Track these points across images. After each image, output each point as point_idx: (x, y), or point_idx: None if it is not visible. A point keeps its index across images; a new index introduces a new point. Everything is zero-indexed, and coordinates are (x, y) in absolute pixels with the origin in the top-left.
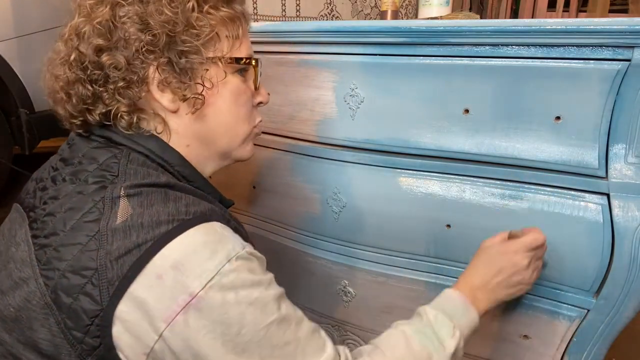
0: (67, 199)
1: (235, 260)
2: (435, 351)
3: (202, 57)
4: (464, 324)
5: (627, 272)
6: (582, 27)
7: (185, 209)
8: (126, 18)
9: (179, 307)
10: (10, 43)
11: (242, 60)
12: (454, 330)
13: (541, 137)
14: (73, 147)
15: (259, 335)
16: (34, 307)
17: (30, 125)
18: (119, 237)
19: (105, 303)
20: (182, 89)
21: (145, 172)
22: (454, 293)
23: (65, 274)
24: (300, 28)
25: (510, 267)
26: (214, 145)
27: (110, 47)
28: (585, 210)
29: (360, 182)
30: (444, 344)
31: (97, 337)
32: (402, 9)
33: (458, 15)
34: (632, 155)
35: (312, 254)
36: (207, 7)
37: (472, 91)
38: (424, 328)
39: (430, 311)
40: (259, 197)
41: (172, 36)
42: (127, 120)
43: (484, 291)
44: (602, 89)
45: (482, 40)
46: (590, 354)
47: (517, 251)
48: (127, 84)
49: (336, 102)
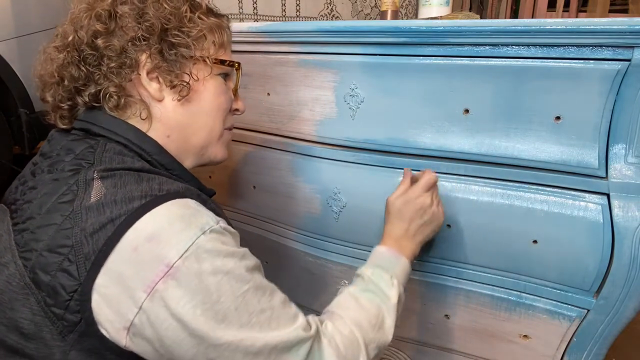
0: (43, 185)
1: (209, 233)
2: (382, 302)
3: (191, 51)
4: (399, 272)
5: (627, 272)
6: (582, 27)
7: (158, 186)
8: (126, 12)
9: (157, 277)
10: (10, 43)
11: (226, 62)
12: (392, 280)
13: (541, 137)
14: (52, 142)
15: (236, 302)
16: (14, 289)
17: (30, 125)
18: (93, 214)
19: (82, 278)
20: (170, 76)
21: (120, 159)
22: (382, 248)
23: (42, 253)
24: (300, 28)
25: (419, 209)
26: (192, 138)
27: (107, 33)
28: (585, 210)
29: (360, 182)
30: (387, 294)
31: (77, 312)
32: (402, 9)
33: (458, 15)
34: (632, 155)
35: (312, 254)
36: (198, 13)
37: (472, 91)
38: (367, 285)
39: (367, 269)
40: (259, 197)
41: (166, 28)
42: (115, 100)
43: (407, 237)
44: (602, 89)
45: (482, 40)
46: (590, 354)
47: (418, 195)
48: (119, 66)
49: (336, 102)
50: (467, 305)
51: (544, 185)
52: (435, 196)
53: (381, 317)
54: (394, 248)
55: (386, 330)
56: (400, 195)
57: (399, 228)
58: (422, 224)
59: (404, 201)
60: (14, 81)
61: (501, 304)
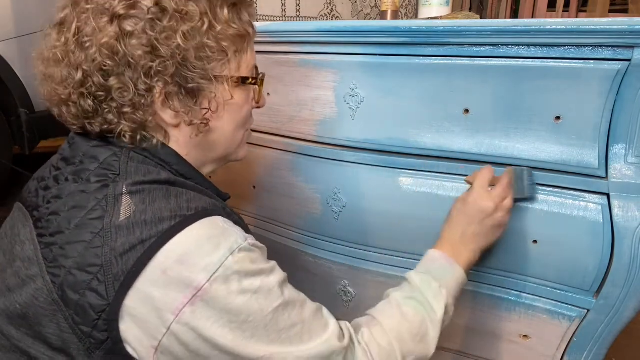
0: (71, 197)
1: (238, 252)
2: (427, 313)
3: (210, 81)
4: (450, 280)
5: (627, 272)
6: (582, 27)
7: (187, 204)
8: (134, 39)
9: (186, 299)
10: (10, 43)
11: (248, 80)
12: (441, 290)
13: (541, 137)
14: (73, 147)
15: (265, 321)
16: (41, 304)
17: (30, 125)
18: (123, 233)
19: (111, 298)
20: (187, 113)
21: (146, 169)
22: (436, 253)
23: (71, 271)
24: (300, 28)
25: (478, 214)
26: (212, 152)
27: (117, 70)
28: (585, 210)
29: (360, 182)
30: (433, 305)
31: (104, 331)
32: (402, 9)
33: (458, 15)
34: (632, 155)
35: (312, 254)
36: (219, 28)
37: (472, 91)
38: (413, 293)
39: (416, 275)
40: (259, 197)
41: (182, 64)
42: (131, 138)
43: (464, 243)
44: (602, 89)
45: (482, 40)
46: (590, 354)
47: (477, 198)
48: (134, 108)
49: (336, 102)
50: (467, 305)
51: (544, 185)
52: (498, 199)
53: (424, 328)
54: (448, 254)
55: (428, 343)
56: (459, 200)
57: (456, 232)
58: (482, 230)
59: (464, 203)
60: (14, 81)
61: (501, 304)
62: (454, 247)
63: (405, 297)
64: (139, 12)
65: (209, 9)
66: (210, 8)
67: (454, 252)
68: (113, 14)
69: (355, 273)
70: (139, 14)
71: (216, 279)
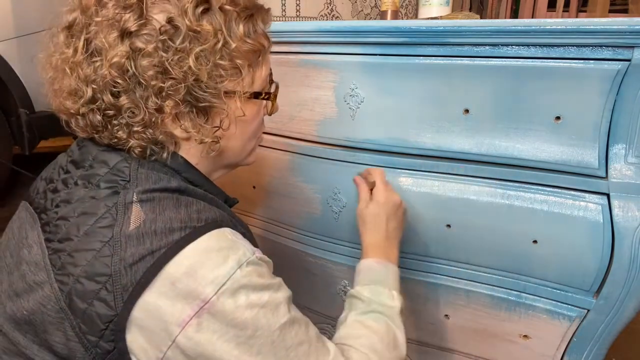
0: (80, 203)
1: (246, 266)
2: (389, 319)
3: (221, 99)
4: (392, 281)
5: (627, 272)
6: (582, 27)
7: (196, 215)
8: (145, 60)
9: (192, 311)
10: (10, 43)
11: (261, 95)
12: (391, 292)
13: (541, 137)
14: (83, 150)
15: (273, 337)
16: (48, 312)
17: (30, 125)
18: (133, 243)
19: (119, 308)
20: (198, 132)
21: (157, 176)
22: (370, 262)
23: (79, 280)
24: (300, 28)
25: (393, 208)
26: (222, 161)
27: (127, 88)
28: (585, 210)
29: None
30: (391, 309)
31: (111, 341)
32: (402, 9)
33: (458, 15)
34: (632, 155)
35: (312, 254)
36: (234, 46)
37: (472, 91)
38: (369, 305)
39: (363, 289)
40: (259, 198)
41: (193, 85)
42: (140, 152)
43: (388, 242)
44: (602, 89)
45: (482, 40)
46: (590, 354)
47: (388, 194)
48: (144, 127)
49: (336, 102)
50: (467, 305)
51: (544, 185)
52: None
53: (392, 334)
54: (381, 258)
55: (400, 346)
56: (369, 203)
57: (379, 235)
58: (398, 223)
59: (376, 207)
60: (14, 81)
61: (501, 304)
62: (382, 249)
63: (362, 312)
64: (151, 30)
65: (223, 25)
66: (225, 23)
67: (384, 253)
68: (124, 31)
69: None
70: (151, 32)
71: (223, 292)
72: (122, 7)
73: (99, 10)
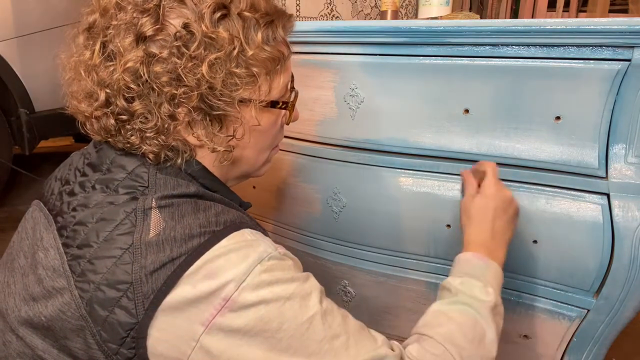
0: (98, 208)
1: (268, 261)
2: (478, 313)
3: (236, 109)
4: (491, 279)
5: (627, 272)
6: (582, 27)
7: (215, 218)
8: (159, 66)
9: (215, 310)
10: (10, 43)
11: (278, 105)
12: (486, 288)
13: (541, 137)
14: (100, 152)
15: (301, 330)
16: (68, 319)
17: (30, 125)
18: (153, 250)
19: (140, 316)
20: (211, 140)
21: (175, 182)
22: (468, 255)
23: (100, 287)
24: (300, 28)
25: (502, 204)
26: (234, 171)
27: (140, 93)
28: (585, 210)
29: (360, 182)
30: (482, 301)
31: (132, 348)
32: (402, 9)
33: (458, 15)
34: (632, 155)
35: (312, 254)
36: (251, 53)
37: (472, 91)
38: (456, 296)
39: (454, 280)
40: (259, 197)
41: (207, 92)
42: (155, 158)
43: (494, 242)
44: (602, 89)
45: (482, 40)
46: (590, 354)
47: (498, 188)
48: (157, 133)
49: (336, 102)
50: None
51: (544, 185)
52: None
53: (479, 329)
54: (481, 252)
55: (488, 345)
56: (476, 194)
57: (485, 233)
58: (508, 220)
59: (483, 199)
60: (14, 81)
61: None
62: (484, 245)
63: (447, 303)
64: (166, 35)
65: (241, 31)
66: (243, 29)
67: (487, 250)
68: (139, 35)
69: (355, 273)
70: (166, 37)
71: (245, 288)
72: (140, 10)
73: (117, 14)
